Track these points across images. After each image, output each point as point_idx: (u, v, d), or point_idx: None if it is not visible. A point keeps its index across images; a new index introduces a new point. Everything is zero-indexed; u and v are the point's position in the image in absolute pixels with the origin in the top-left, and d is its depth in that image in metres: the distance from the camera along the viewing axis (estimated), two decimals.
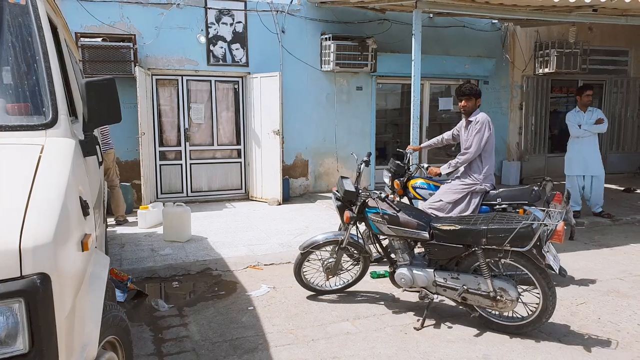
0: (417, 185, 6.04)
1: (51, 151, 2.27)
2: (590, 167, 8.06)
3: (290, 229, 7.55)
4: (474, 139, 5.51)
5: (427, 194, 5.94)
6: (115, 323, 2.56)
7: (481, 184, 5.49)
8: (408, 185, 6.10)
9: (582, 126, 7.96)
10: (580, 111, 8.07)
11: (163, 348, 3.98)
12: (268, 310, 4.70)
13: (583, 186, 8.16)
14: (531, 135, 12.27)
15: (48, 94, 2.44)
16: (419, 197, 6.01)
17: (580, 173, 8.11)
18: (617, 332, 4.27)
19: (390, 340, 4.09)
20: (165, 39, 8.95)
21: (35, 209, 1.90)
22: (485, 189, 5.50)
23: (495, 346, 3.99)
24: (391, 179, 6.17)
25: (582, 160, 8.06)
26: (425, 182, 6.02)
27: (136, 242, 6.81)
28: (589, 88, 8.13)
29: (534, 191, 5.29)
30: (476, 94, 5.65)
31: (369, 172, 10.58)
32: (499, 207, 5.40)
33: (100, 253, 2.78)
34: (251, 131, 9.74)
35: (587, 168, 8.07)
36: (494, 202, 5.45)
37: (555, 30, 11.89)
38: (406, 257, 4.52)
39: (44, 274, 1.79)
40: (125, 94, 8.49)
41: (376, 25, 10.33)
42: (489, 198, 5.50)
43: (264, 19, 9.61)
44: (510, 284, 4.05)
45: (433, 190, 5.90)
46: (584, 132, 7.96)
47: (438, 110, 11.73)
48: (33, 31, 2.51)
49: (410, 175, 6.14)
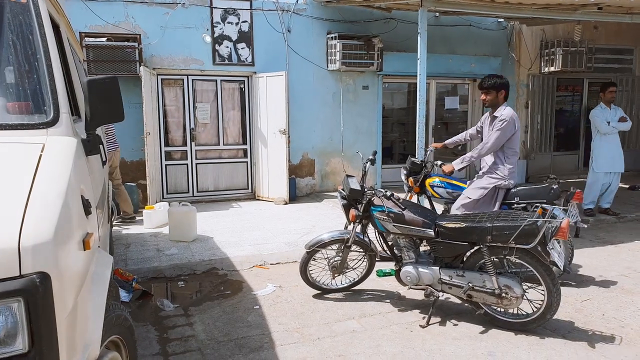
0: (434, 184, 5.87)
1: (52, 150, 2.26)
2: (617, 165, 8.05)
3: (297, 228, 7.54)
4: (492, 135, 5.34)
5: (445, 192, 5.80)
6: (118, 323, 2.55)
7: (506, 180, 5.31)
8: (426, 183, 5.91)
9: (611, 123, 7.93)
10: (606, 108, 8.04)
11: (168, 348, 3.98)
12: (274, 309, 4.70)
13: (609, 184, 8.13)
14: (537, 134, 12.22)
15: (49, 93, 2.44)
16: (437, 196, 5.87)
17: (608, 170, 8.07)
18: (621, 328, 4.26)
19: (396, 338, 4.07)
20: (170, 38, 8.96)
21: (35, 207, 1.90)
22: (509, 186, 5.35)
23: (501, 343, 3.97)
24: (407, 177, 6.03)
25: (610, 157, 8.04)
26: (442, 181, 5.85)
27: (142, 242, 6.82)
28: (613, 85, 8.10)
29: (552, 189, 5.17)
30: (496, 87, 5.36)
31: (375, 171, 10.55)
32: (517, 206, 5.28)
33: (104, 252, 2.77)
34: (257, 131, 9.74)
35: (614, 165, 8.06)
36: (512, 200, 5.33)
37: (560, 29, 11.83)
38: (412, 255, 4.51)
39: (44, 273, 1.79)
40: (130, 94, 8.51)
41: (382, 24, 10.30)
42: (506, 197, 5.38)
43: (270, 18, 9.60)
44: (515, 281, 4.03)
45: (451, 189, 5.75)
46: (612, 129, 7.93)
47: (444, 109, 11.70)
48: (34, 29, 2.50)
49: (427, 173, 5.93)
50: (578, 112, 12.88)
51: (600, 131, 8.02)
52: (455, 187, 5.76)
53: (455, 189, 5.75)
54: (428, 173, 5.95)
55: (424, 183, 5.95)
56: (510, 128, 5.27)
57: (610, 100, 8.03)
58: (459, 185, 5.76)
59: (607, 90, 8.02)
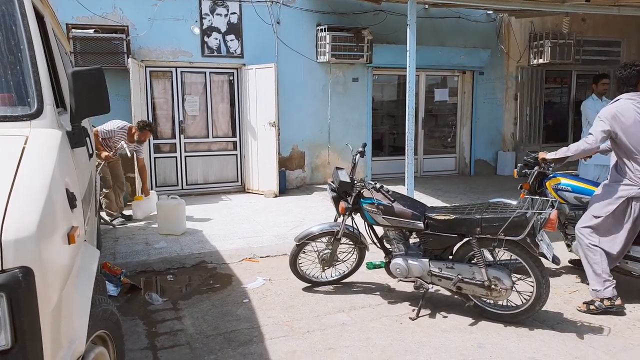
0: (559, 187, 5.01)
1: (36, 142, 2.22)
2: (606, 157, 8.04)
3: (287, 220, 7.52)
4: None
5: (572, 198, 4.97)
6: (105, 317, 2.53)
7: None
8: (547, 185, 5.07)
9: None
10: (598, 99, 8.04)
11: (157, 342, 3.95)
12: (263, 303, 4.68)
13: (598, 176, 8.14)
14: (526, 126, 12.26)
15: (33, 84, 2.40)
16: (562, 201, 4.98)
17: (598, 162, 8.08)
18: (609, 319, 4.28)
19: (385, 331, 4.08)
20: (158, 30, 8.88)
21: (18, 201, 1.86)
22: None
23: (490, 335, 3.98)
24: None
25: None
26: (570, 183, 4.99)
27: (130, 235, 6.77)
28: (606, 77, 8.10)
29: None
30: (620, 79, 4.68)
31: (365, 164, 10.54)
32: None
33: (90, 246, 2.74)
34: (247, 123, 9.70)
35: (603, 157, 8.05)
36: None
37: (549, 21, 11.86)
38: (401, 247, 4.51)
39: (27, 267, 1.76)
40: (118, 86, 8.43)
41: (372, 16, 10.26)
42: None
43: (259, 10, 9.53)
44: (504, 273, 4.05)
45: (581, 194, 4.91)
46: None
47: (434, 102, 11.70)
48: (17, 20, 2.46)
49: (545, 172, 5.08)
50: (567, 104, 12.95)
51: (591, 123, 8.03)
52: (585, 191, 4.88)
53: (585, 193, 4.88)
54: (548, 172, 5.09)
55: (544, 184, 5.11)
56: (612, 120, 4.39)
57: (603, 92, 8.03)
58: (590, 189, 4.88)
59: (599, 82, 8.02)
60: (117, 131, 7.32)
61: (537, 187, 5.13)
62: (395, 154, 11.31)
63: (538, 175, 5.08)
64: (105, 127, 7.27)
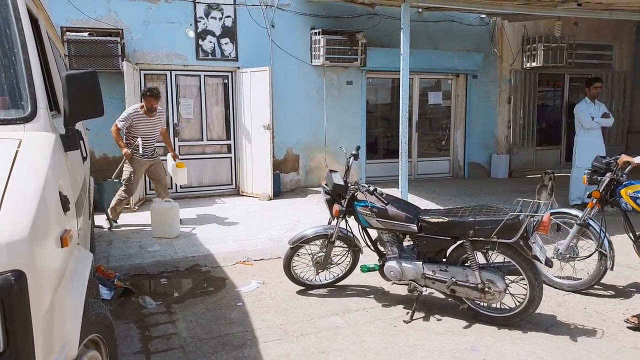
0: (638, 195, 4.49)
1: (29, 145, 2.22)
2: None
3: (281, 223, 7.52)
4: None
5: None
6: (98, 321, 2.52)
7: None
8: (622, 193, 4.57)
9: (595, 118, 7.98)
10: (590, 103, 8.10)
11: (150, 346, 3.94)
12: (257, 306, 4.68)
13: None
14: (519, 129, 12.33)
15: (27, 87, 2.39)
16: (639, 209, 4.47)
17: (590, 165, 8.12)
18: (602, 321, 4.29)
19: (379, 334, 4.08)
20: (153, 33, 8.88)
21: (11, 204, 1.86)
22: None
23: (484, 337, 3.99)
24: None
25: (592, 152, 8.03)
26: None
27: (124, 239, 6.75)
28: (599, 80, 8.17)
29: None
30: None
31: (360, 166, 10.56)
32: None
33: (83, 249, 2.74)
34: (241, 126, 9.69)
35: None
36: None
37: (542, 25, 11.94)
38: (395, 250, 4.51)
39: (19, 270, 1.75)
40: (112, 89, 8.43)
41: (366, 19, 10.30)
42: None
43: (254, 14, 9.55)
44: (497, 276, 4.06)
45: None
46: (596, 124, 7.99)
47: (427, 105, 11.74)
48: (11, 23, 2.46)
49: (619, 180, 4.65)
50: (559, 107, 13.02)
51: (584, 126, 8.08)
52: None
53: None
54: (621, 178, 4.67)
55: (617, 192, 4.62)
56: None
57: (595, 96, 8.10)
58: None
59: (592, 86, 8.09)
60: (132, 114, 7.11)
61: (608, 195, 4.73)
62: (389, 156, 11.33)
63: (610, 182, 4.70)
64: (121, 118, 7.08)
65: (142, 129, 7.18)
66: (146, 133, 7.20)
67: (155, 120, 7.33)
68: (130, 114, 7.11)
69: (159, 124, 7.46)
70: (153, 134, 7.33)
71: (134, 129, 7.14)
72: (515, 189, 10.11)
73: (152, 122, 7.29)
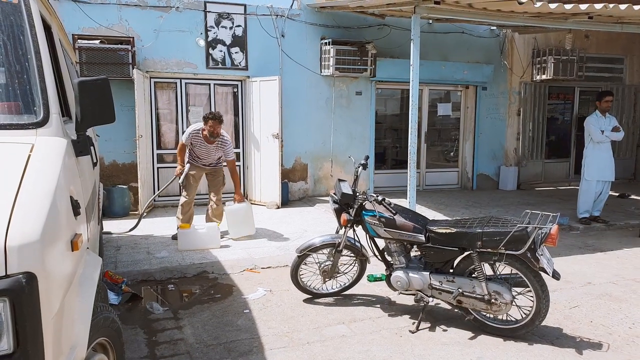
0: None
1: (41, 150, 2.26)
2: (608, 173, 8.09)
3: (288, 232, 7.53)
4: None
5: None
6: (106, 325, 2.55)
7: None
8: None
9: (605, 132, 7.98)
10: (601, 116, 8.09)
11: (157, 351, 3.96)
12: (264, 314, 4.68)
13: (600, 192, 8.16)
14: (529, 141, 12.29)
15: (39, 93, 2.43)
16: None
17: (599, 178, 8.11)
18: (609, 335, 4.28)
19: (385, 343, 4.07)
20: (164, 41, 8.95)
21: (23, 207, 1.89)
22: None
23: (490, 349, 3.98)
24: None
25: (601, 165, 8.09)
26: None
27: (132, 244, 6.79)
28: (610, 94, 8.16)
29: None
30: None
31: (368, 176, 10.56)
32: None
33: (92, 254, 2.76)
34: (250, 135, 9.74)
35: (605, 173, 8.10)
36: None
37: (552, 37, 11.93)
38: (402, 260, 4.51)
39: (30, 273, 1.78)
40: (123, 97, 8.50)
41: (376, 30, 10.34)
42: None
43: (264, 23, 9.62)
44: (504, 287, 4.05)
45: None
46: (606, 137, 7.98)
47: (437, 116, 11.74)
48: (25, 30, 2.50)
49: None
50: (569, 120, 12.97)
51: (594, 139, 8.06)
52: None
53: None
54: None
55: None
56: None
57: (606, 109, 8.09)
58: None
59: (603, 99, 8.08)
60: (192, 133, 6.82)
61: None
62: (397, 167, 11.34)
63: None
64: (185, 133, 6.96)
65: (197, 151, 6.93)
66: (199, 156, 6.98)
67: (211, 148, 6.89)
68: (190, 132, 6.85)
69: (215, 153, 6.98)
70: (207, 160, 7.01)
71: (192, 149, 6.94)
72: (524, 201, 10.09)
73: (209, 148, 6.89)
